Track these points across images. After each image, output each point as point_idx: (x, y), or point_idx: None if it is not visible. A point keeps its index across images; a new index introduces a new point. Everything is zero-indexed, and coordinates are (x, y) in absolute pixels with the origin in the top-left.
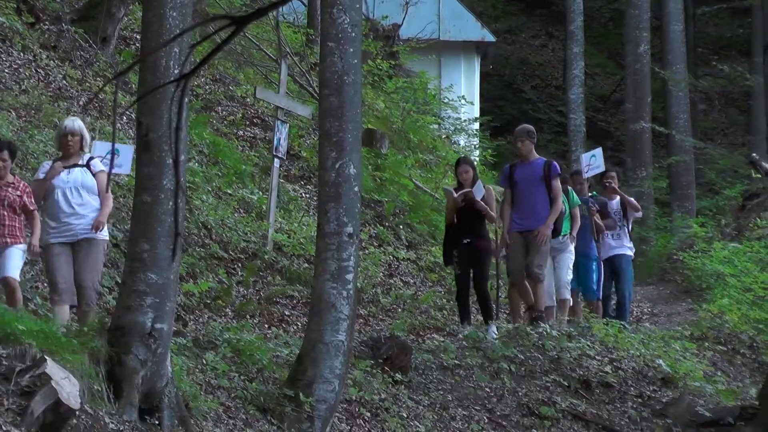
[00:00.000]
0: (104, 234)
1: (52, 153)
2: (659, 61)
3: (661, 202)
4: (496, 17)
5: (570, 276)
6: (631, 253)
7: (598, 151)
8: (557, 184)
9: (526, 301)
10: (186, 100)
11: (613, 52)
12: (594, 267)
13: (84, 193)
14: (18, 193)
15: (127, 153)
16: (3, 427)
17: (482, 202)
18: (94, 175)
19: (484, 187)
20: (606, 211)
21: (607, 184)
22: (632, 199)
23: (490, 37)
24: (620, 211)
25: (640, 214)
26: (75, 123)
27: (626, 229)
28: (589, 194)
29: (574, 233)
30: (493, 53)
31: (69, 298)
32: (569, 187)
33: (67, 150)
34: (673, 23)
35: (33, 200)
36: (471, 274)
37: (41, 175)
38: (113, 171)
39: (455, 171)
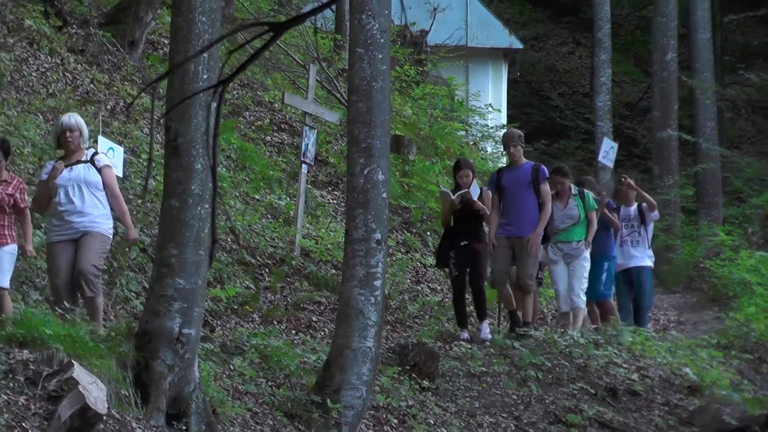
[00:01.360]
0: (110, 230)
1: None
2: (686, 69)
3: (687, 210)
4: (524, 24)
5: (585, 284)
6: (650, 263)
7: (616, 147)
8: (546, 188)
9: (508, 306)
10: (215, 105)
11: (640, 59)
12: (605, 267)
13: (86, 190)
14: (9, 190)
15: (119, 154)
16: (30, 431)
17: (479, 203)
18: (99, 170)
19: (480, 188)
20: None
21: (624, 179)
22: (647, 195)
23: (517, 44)
24: (638, 218)
25: (657, 215)
26: (72, 118)
27: (646, 237)
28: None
29: (590, 239)
30: (521, 60)
31: (68, 299)
32: (586, 191)
33: (68, 147)
34: (700, 31)
35: (25, 196)
36: (467, 276)
37: (44, 176)
38: None
39: (454, 174)
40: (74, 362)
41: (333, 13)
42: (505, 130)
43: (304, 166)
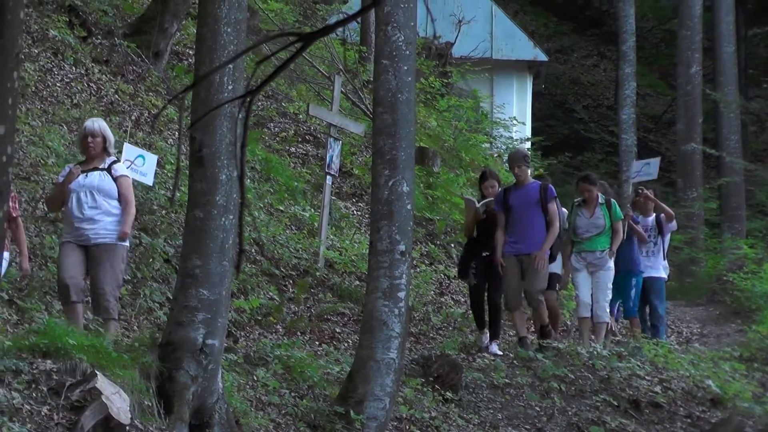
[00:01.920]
0: (124, 240)
1: None
2: (710, 82)
3: (711, 223)
4: (549, 36)
5: (609, 296)
6: (665, 275)
7: (655, 161)
8: (554, 207)
9: (520, 331)
10: (241, 116)
11: (664, 72)
12: (633, 282)
13: (99, 197)
14: None
15: (151, 161)
16: None
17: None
18: (115, 179)
19: None
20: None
21: (639, 191)
22: (664, 205)
23: (542, 57)
24: (655, 229)
25: (674, 226)
26: (95, 124)
27: (662, 248)
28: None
29: (614, 248)
30: (545, 73)
31: (77, 296)
32: (612, 200)
33: (89, 152)
34: (724, 45)
35: (17, 205)
36: (486, 287)
37: (60, 179)
38: (138, 178)
39: (480, 184)
40: (97, 372)
41: (358, 24)
42: (511, 150)
43: (328, 177)
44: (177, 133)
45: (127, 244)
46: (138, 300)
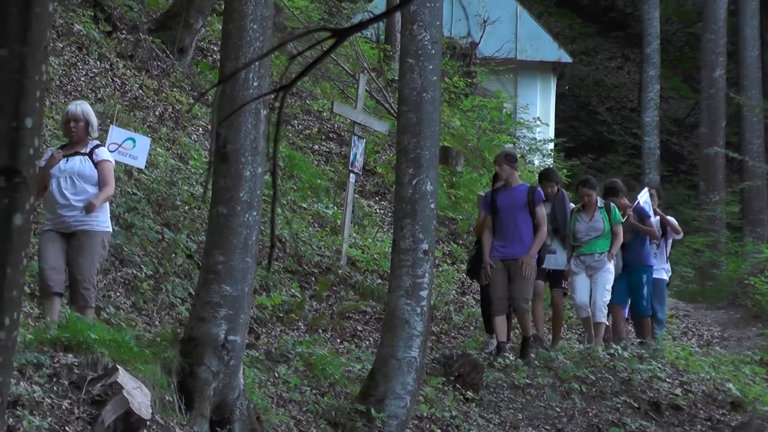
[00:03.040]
0: (103, 225)
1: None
2: (734, 86)
3: (732, 226)
4: (573, 38)
5: (607, 298)
6: (666, 276)
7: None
8: (541, 210)
9: (500, 337)
10: (266, 112)
11: (688, 76)
12: (645, 279)
13: (79, 183)
14: None
15: (143, 144)
16: None
17: None
18: (96, 164)
19: None
20: (647, 221)
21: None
22: (672, 219)
23: (566, 58)
24: (659, 230)
25: (680, 236)
26: (78, 107)
27: (665, 250)
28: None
29: (614, 251)
30: (569, 74)
31: (57, 286)
32: (612, 204)
33: (71, 137)
34: (748, 49)
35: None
36: None
37: (42, 163)
38: (128, 161)
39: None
40: (119, 367)
41: (383, 23)
42: (502, 149)
43: (352, 175)
44: (201, 129)
45: (109, 229)
46: (160, 295)
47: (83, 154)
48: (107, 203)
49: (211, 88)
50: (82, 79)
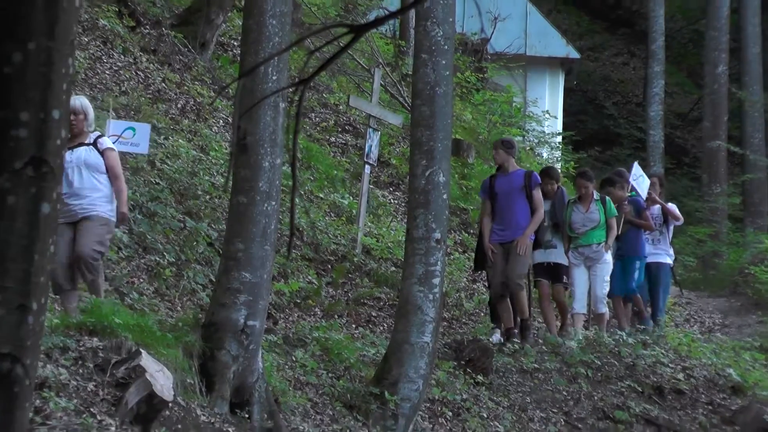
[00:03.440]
0: (108, 213)
1: (152, 154)
2: (736, 81)
3: (734, 217)
4: (581, 35)
5: (606, 289)
6: (669, 261)
7: (647, 181)
8: (538, 194)
9: (506, 323)
10: (284, 105)
11: (692, 71)
12: (637, 266)
13: (86, 172)
14: None
15: (143, 131)
16: (98, 416)
17: None
18: (101, 152)
19: None
20: (644, 214)
21: (648, 195)
22: (672, 206)
23: (574, 54)
24: (660, 218)
25: (680, 223)
26: (77, 101)
27: (667, 236)
28: (628, 194)
29: (610, 242)
30: (577, 69)
31: (67, 283)
32: (607, 197)
33: (72, 130)
34: (750, 46)
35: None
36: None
37: None
38: (130, 150)
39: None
40: (142, 351)
41: (398, 20)
42: (501, 138)
43: (367, 166)
44: (221, 121)
45: (112, 217)
46: (182, 281)
47: (87, 145)
48: (108, 191)
49: (231, 82)
50: (107, 72)
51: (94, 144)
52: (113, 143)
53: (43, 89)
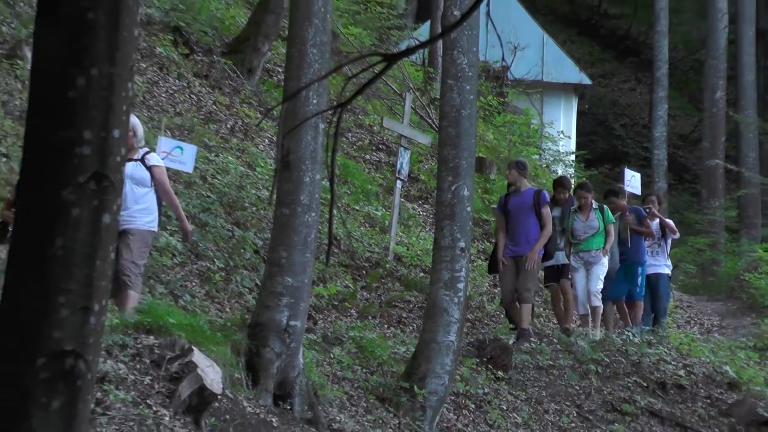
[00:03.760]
0: (149, 225)
1: (204, 170)
2: (733, 105)
3: (730, 229)
4: (592, 63)
5: (600, 285)
6: (668, 271)
7: (638, 176)
8: (547, 211)
9: (516, 321)
10: (323, 126)
11: (692, 96)
12: (640, 272)
13: (130, 185)
14: None
15: (190, 151)
16: (153, 407)
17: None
18: (148, 168)
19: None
20: (645, 222)
21: (648, 210)
22: (670, 221)
23: (586, 80)
24: (659, 231)
25: (677, 236)
26: None
27: (665, 249)
28: (632, 207)
29: (608, 247)
30: (589, 94)
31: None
32: (605, 206)
33: None
34: (746, 73)
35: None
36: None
37: None
38: (176, 167)
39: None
40: (194, 348)
41: (427, 49)
42: (515, 159)
43: (398, 182)
44: (267, 140)
45: (153, 229)
46: (230, 285)
47: (135, 160)
48: (149, 204)
49: (276, 105)
50: (163, 95)
51: (142, 160)
52: (163, 158)
53: (105, 111)
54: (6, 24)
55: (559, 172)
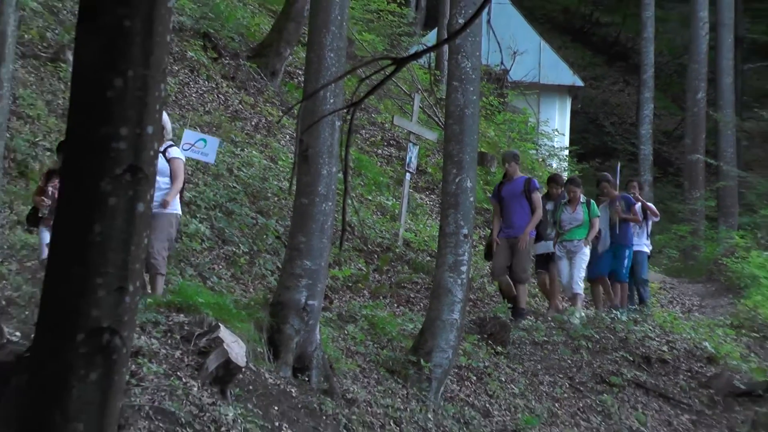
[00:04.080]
0: (173, 209)
1: (230, 163)
2: (713, 105)
3: (710, 217)
4: (585, 67)
5: (582, 274)
6: (647, 250)
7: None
8: (537, 196)
9: (507, 294)
10: (339, 123)
11: (676, 97)
12: (627, 254)
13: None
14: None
15: (213, 143)
16: (183, 379)
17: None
18: (168, 160)
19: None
20: (633, 209)
21: (632, 191)
22: (651, 205)
23: (579, 83)
24: (641, 214)
25: (657, 219)
26: None
27: (645, 230)
28: (622, 194)
29: (589, 239)
30: (582, 95)
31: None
32: (592, 200)
33: None
34: (725, 77)
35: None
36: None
37: None
38: (200, 158)
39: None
40: (220, 325)
41: (434, 53)
42: (506, 150)
43: (407, 174)
44: (288, 136)
45: (176, 212)
46: (254, 268)
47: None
48: (177, 193)
49: (296, 104)
50: (193, 95)
51: (163, 152)
52: (186, 150)
53: (140, 109)
54: (51, 30)
55: (554, 165)
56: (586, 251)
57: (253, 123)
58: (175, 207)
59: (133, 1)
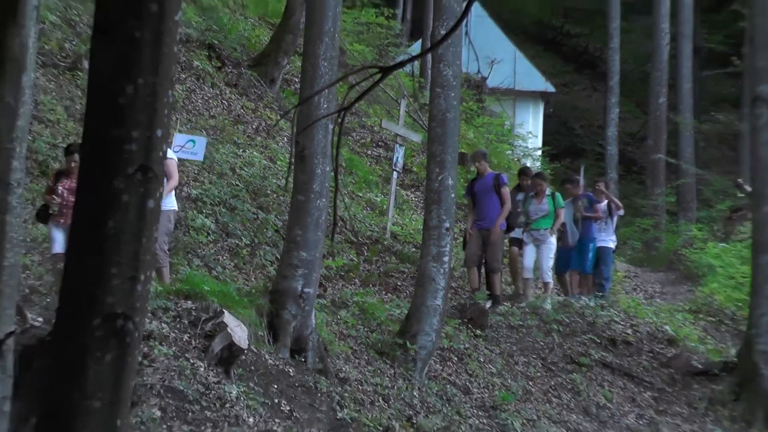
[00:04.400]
0: (168, 205)
1: (233, 163)
2: (673, 109)
3: (670, 212)
4: (556, 74)
5: (551, 263)
6: (612, 245)
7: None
8: (506, 191)
9: (472, 284)
10: (332, 127)
11: (640, 102)
12: (591, 248)
13: None
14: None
15: (201, 143)
16: (191, 360)
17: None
18: None
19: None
20: (595, 206)
21: (597, 188)
22: (615, 199)
23: (551, 89)
24: (607, 211)
25: (622, 212)
26: None
27: (611, 226)
28: (584, 193)
29: (555, 228)
30: (553, 100)
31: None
32: (557, 193)
33: None
34: (684, 83)
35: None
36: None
37: None
38: (189, 158)
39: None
40: (224, 310)
41: (418, 62)
42: (476, 150)
43: (394, 173)
44: (285, 138)
45: (173, 208)
46: (255, 259)
47: None
48: (172, 190)
49: (292, 109)
50: (199, 101)
51: None
52: (177, 152)
53: (149, 114)
54: (68, 41)
55: (528, 164)
56: (552, 240)
57: (253, 126)
58: (172, 203)
59: (143, 14)
